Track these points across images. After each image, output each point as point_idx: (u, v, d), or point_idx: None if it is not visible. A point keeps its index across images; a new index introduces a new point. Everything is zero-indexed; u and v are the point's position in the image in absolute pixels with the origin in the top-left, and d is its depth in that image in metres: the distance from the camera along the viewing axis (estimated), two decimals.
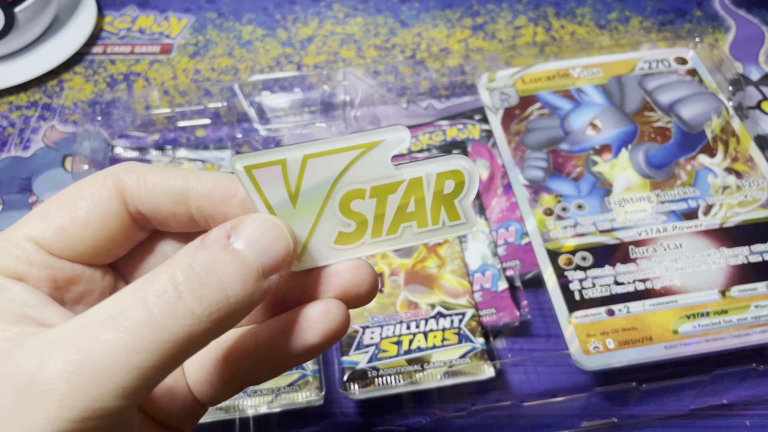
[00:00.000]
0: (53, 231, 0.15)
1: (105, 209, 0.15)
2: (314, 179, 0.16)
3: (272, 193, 0.15)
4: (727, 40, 0.45)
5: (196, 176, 0.16)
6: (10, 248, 0.15)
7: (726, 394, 0.30)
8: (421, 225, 0.17)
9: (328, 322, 0.16)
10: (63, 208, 0.15)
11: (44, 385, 0.12)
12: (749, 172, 0.35)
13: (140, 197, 0.16)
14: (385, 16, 0.48)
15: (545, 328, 0.33)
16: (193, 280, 0.13)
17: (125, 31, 0.47)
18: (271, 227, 0.15)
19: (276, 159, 0.15)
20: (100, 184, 0.15)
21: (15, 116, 0.43)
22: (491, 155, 0.38)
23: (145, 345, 0.13)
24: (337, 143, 0.15)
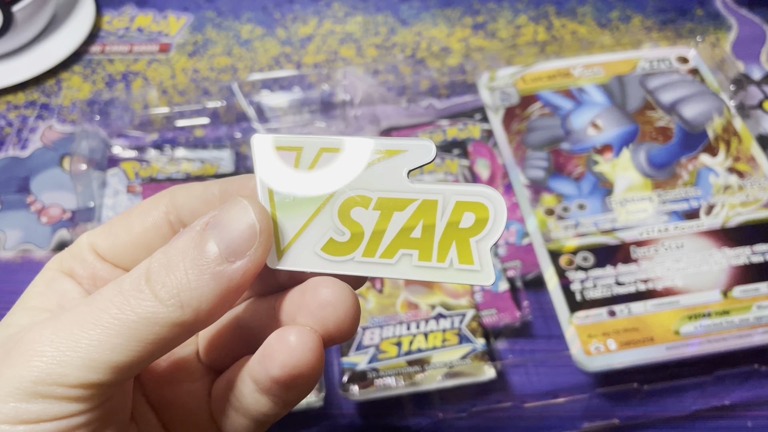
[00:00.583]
0: (107, 240, 0.17)
1: (149, 218, 0.17)
2: (321, 172, 0.14)
3: (276, 180, 0.15)
4: (729, 39, 0.45)
5: (228, 179, 0.17)
6: (74, 249, 0.18)
7: (728, 395, 0.30)
8: (424, 257, 0.14)
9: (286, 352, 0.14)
10: (120, 221, 0.17)
11: (20, 346, 0.14)
12: (751, 172, 0.35)
13: (183, 204, 0.17)
14: (385, 15, 0.47)
15: (546, 328, 0.33)
16: (161, 262, 0.14)
17: (123, 30, 0.47)
18: (235, 207, 0.14)
19: (293, 145, 0.14)
20: (153, 203, 0.17)
21: (13, 116, 0.42)
22: (492, 155, 0.37)
23: (108, 320, 0.14)
24: (343, 142, 0.14)
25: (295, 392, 0.15)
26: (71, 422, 0.14)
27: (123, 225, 0.17)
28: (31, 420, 0.13)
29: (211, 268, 0.14)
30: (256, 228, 0.14)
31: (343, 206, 0.14)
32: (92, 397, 0.14)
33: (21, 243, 0.37)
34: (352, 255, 0.14)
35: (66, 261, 0.17)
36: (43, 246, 0.36)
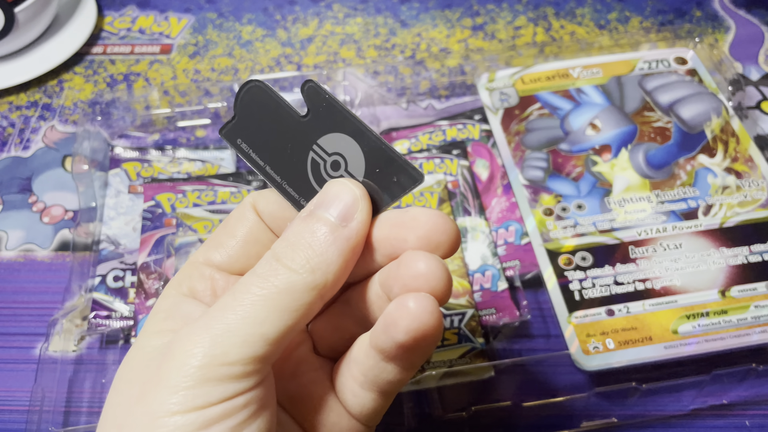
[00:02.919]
0: (218, 251, 0.19)
1: (251, 224, 0.19)
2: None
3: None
4: (727, 40, 0.45)
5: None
6: (187, 270, 0.19)
7: (726, 394, 0.30)
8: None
9: (409, 318, 0.16)
10: (222, 233, 0.19)
11: (176, 344, 0.15)
12: (749, 172, 0.35)
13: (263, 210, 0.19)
14: (384, 17, 0.48)
15: (545, 328, 0.33)
16: (284, 245, 0.16)
17: (125, 31, 0.47)
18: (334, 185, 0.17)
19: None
20: (242, 209, 0.19)
21: (15, 116, 0.43)
22: (491, 155, 0.38)
23: (252, 298, 0.15)
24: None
25: (420, 353, 0.16)
26: (235, 403, 0.15)
27: (226, 233, 0.19)
28: (201, 406, 0.14)
29: (330, 235, 0.16)
30: (357, 193, 0.17)
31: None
32: (251, 373, 0.15)
33: (23, 243, 0.37)
34: None
35: (184, 282, 0.18)
36: (45, 246, 0.37)
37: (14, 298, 0.35)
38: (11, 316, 0.34)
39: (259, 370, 0.15)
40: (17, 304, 0.35)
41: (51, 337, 0.31)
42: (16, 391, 0.32)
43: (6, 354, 0.33)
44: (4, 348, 0.33)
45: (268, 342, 0.15)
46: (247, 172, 0.37)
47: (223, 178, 0.37)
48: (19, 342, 0.33)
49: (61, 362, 0.31)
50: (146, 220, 0.35)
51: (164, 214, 0.35)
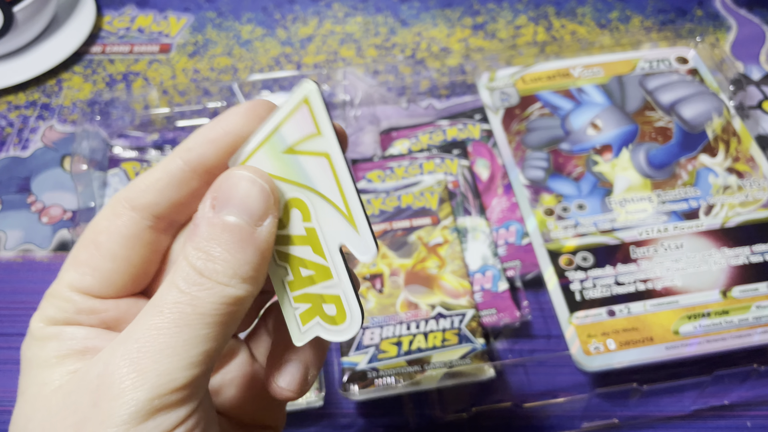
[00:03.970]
0: (89, 274, 0.16)
1: (123, 234, 0.16)
2: (307, 166, 0.15)
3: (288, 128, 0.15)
4: (728, 40, 0.45)
5: (185, 145, 0.16)
6: (57, 302, 0.16)
7: (727, 394, 0.30)
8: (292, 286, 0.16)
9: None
10: (88, 249, 0.16)
11: (113, 377, 0.14)
12: (750, 172, 0.35)
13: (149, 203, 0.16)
14: (385, 16, 0.47)
15: (546, 328, 0.33)
16: (203, 257, 0.15)
17: (124, 31, 0.47)
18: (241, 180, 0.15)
19: (319, 125, 0.14)
20: (110, 214, 0.16)
21: (13, 116, 0.42)
22: (492, 155, 0.37)
23: (189, 318, 0.14)
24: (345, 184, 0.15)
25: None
26: (189, 424, 0.14)
27: (96, 251, 0.16)
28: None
29: (249, 240, 0.15)
30: (267, 190, 0.15)
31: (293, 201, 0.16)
32: (196, 393, 0.14)
33: (22, 243, 0.37)
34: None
35: (58, 318, 0.16)
36: (43, 246, 0.36)
37: (13, 298, 0.35)
38: (10, 316, 0.34)
39: (200, 388, 0.15)
40: (16, 304, 0.34)
41: None
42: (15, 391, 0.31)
43: (4, 354, 0.33)
44: (3, 348, 0.33)
45: (209, 358, 0.14)
46: None
47: None
48: (18, 342, 0.33)
49: None
50: None
51: None
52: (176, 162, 0.16)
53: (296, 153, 0.15)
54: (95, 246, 0.16)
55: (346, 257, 0.16)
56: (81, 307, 0.16)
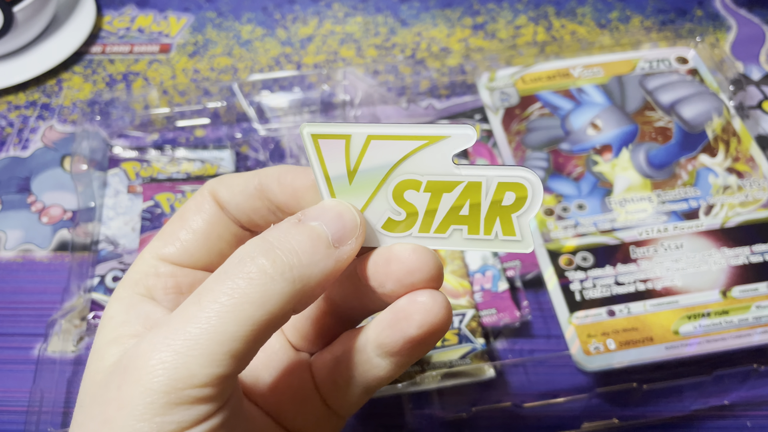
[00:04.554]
0: (174, 245, 0.17)
1: (209, 216, 0.17)
2: (374, 160, 0.16)
3: (332, 165, 0.16)
4: (728, 40, 0.45)
5: (264, 171, 0.17)
6: (141, 267, 0.17)
7: (727, 395, 0.30)
8: (472, 231, 0.16)
9: (423, 313, 0.15)
10: (177, 225, 0.18)
11: (137, 361, 0.14)
12: (750, 172, 0.35)
13: (228, 201, 0.18)
14: (384, 16, 0.48)
15: (546, 328, 0.33)
16: (265, 246, 0.14)
17: (124, 31, 0.47)
18: (337, 204, 0.16)
19: (341, 133, 0.15)
20: (200, 198, 0.18)
21: (13, 116, 0.42)
22: (491, 155, 0.37)
23: (222, 310, 0.13)
24: (403, 130, 0.15)
25: (425, 348, 0.16)
26: (210, 425, 0.14)
27: (182, 227, 0.18)
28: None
29: (322, 250, 0.15)
30: (358, 221, 0.16)
31: (397, 189, 0.16)
32: (221, 393, 0.14)
33: (22, 243, 0.37)
34: (410, 231, 0.16)
35: (140, 282, 0.17)
36: (43, 246, 0.37)
37: (13, 298, 0.35)
38: (9, 316, 0.34)
39: (226, 389, 0.14)
40: (16, 304, 0.34)
41: (50, 337, 0.31)
42: (15, 391, 0.31)
43: (4, 354, 0.33)
44: (3, 348, 0.33)
45: (236, 359, 0.14)
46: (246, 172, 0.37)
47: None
48: (18, 342, 0.33)
49: (60, 363, 0.31)
50: (145, 220, 0.35)
51: (163, 214, 0.35)
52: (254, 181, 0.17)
53: (356, 169, 0.16)
54: (181, 221, 0.17)
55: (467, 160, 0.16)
56: (161, 270, 0.17)
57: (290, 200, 0.17)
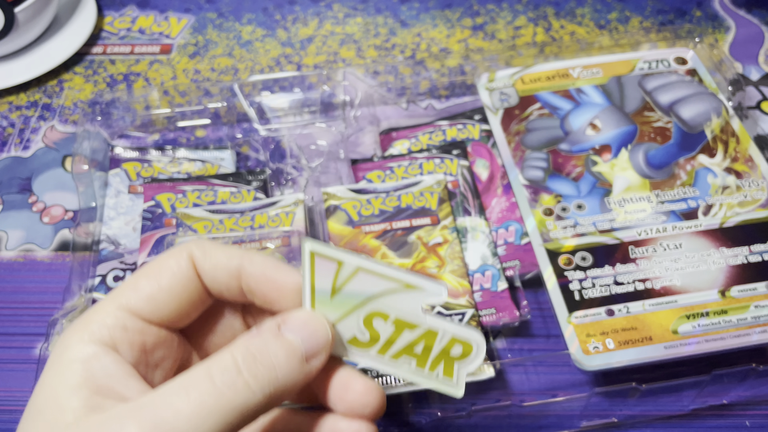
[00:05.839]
0: (144, 299, 0.18)
1: (184, 278, 0.18)
2: (356, 287, 0.18)
3: (321, 280, 0.18)
4: (727, 40, 0.45)
5: (249, 257, 0.18)
6: (107, 318, 0.17)
7: (726, 394, 0.30)
8: (420, 365, 0.19)
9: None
10: (151, 280, 0.18)
11: None
12: (749, 172, 0.35)
13: (204, 270, 0.18)
14: (384, 16, 0.48)
15: (545, 328, 0.33)
16: (249, 360, 0.16)
17: (125, 31, 0.47)
18: (314, 320, 0.18)
19: (336, 258, 0.18)
20: (178, 257, 0.18)
21: (15, 116, 0.43)
22: (491, 155, 0.38)
23: (209, 411, 0.15)
24: (388, 271, 0.18)
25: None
26: None
27: (155, 283, 0.18)
28: None
29: (296, 365, 0.17)
30: (329, 340, 0.18)
31: (368, 316, 0.18)
32: None
33: (23, 243, 0.37)
34: (369, 350, 0.19)
35: (103, 332, 0.17)
36: (45, 246, 0.37)
37: (14, 298, 0.35)
38: (11, 316, 0.34)
39: None
40: (17, 304, 0.35)
41: (51, 337, 0.31)
42: (16, 391, 0.32)
43: (6, 354, 0.33)
44: (4, 348, 0.33)
45: None
46: (247, 172, 0.37)
47: (223, 178, 0.37)
48: (19, 342, 0.33)
49: None
50: (146, 220, 0.35)
51: (164, 214, 0.35)
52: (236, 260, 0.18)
53: (339, 289, 0.18)
54: (154, 276, 0.18)
55: (430, 309, 0.18)
56: (128, 324, 0.17)
57: (271, 293, 0.18)
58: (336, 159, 0.39)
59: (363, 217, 0.34)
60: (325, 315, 0.18)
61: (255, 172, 0.37)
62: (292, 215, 0.34)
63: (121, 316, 0.17)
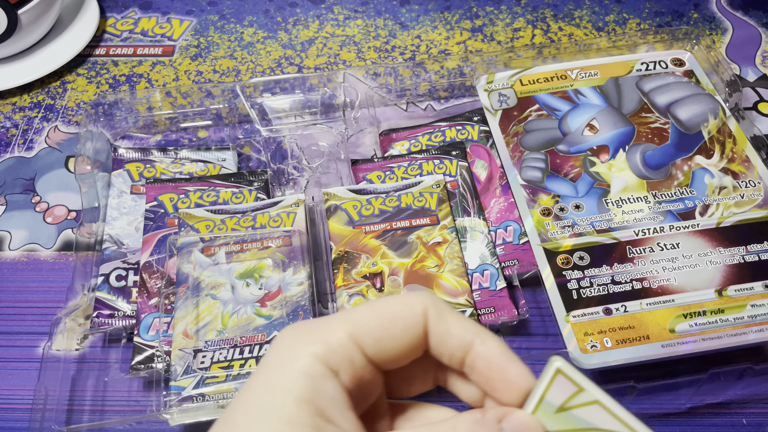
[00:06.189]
0: (372, 340, 0.17)
1: (413, 333, 0.18)
2: (585, 415, 0.18)
3: (553, 394, 0.18)
4: (724, 42, 0.46)
5: (483, 337, 0.18)
6: (337, 345, 0.17)
7: (723, 392, 0.30)
8: None
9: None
10: (383, 322, 0.18)
11: None
12: (745, 173, 0.35)
13: (435, 332, 0.18)
14: (384, 19, 0.48)
15: (543, 327, 0.33)
16: None
17: (128, 33, 0.48)
18: (534, 428, 0.17)
19: (580, 384, 0.18)
20: (413, 310, 0.18)
21: (18, 117, 0.43)
22: (490, 156, 0.38)
23: None
24: (623, 415, 0.17)
25: None
26: None
27: (381, 325, 0.18)
28: None
29: None
30: None
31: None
32: None
33: (26, 243, 0.37)
34: None
35: (333, 356, 0.17)
36: (48, 246, 0.37)
37: (17, 297, 0.35)
38: (15, 315, 0.34)
39: None
40: (20, 303, 0.35)
41: (54, 336, 0.31)
42: (20, 389, 0.32)
43: (9, 353, 0.33)
44: (8, 347, 0.33)
45: None
46: (249, 172, 0.38)
47: (225, 178, 0.37)
48: (23, 341, 0.34)
49: (64, 361, 0.31)
50: (149, 220, 0.35)
51: (166, 214, 0.35)
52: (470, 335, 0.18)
53: (567, 409, 0.18)
54: (391, 324, 0.17)
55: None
56: (356, 360, 0.17)
57: (495, 381, 0.18)
58: (336, 160, 0.39)
59: (363, 217, 0.34)
60: (543, 423, 0.18)
61: (256, 173, 0.37)
62: (293, 215, 0.34)
63: (351, 348, 0.17)
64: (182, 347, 0.30)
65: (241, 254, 0.33)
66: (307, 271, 0.32)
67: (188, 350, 0.29)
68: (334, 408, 0.16)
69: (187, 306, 0.31)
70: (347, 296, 0.32)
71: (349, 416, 0.17)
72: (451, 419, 0.17)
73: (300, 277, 0.32)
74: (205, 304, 0.31)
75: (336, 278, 0.32)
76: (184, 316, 0.31)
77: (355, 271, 0.32)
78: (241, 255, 0.33)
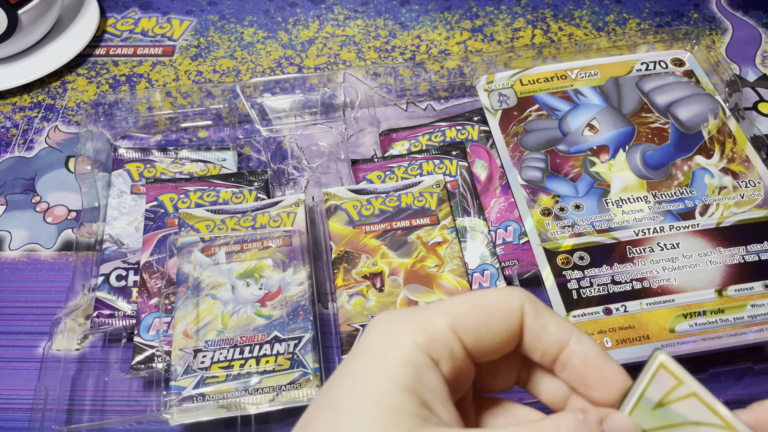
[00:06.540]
0: (471, 332, 0.17)
1: (509, 327, 0.18)
2: (682, 409, 0.17)
3: (653, 390, 0.18)
4: (724, 42, 0.46)
5: (579, 336, 0.18)
6: (439, 335, 0.17)
7: (723, 392, 0.30)
8: None
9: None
10: (482, 315, 0.18)
11: None
12: (745, 173, 0.35)
13: (531, 328, 0.18)
14: (384, 19, 0.48)
15: None
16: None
17: (128, 33, 0.48)
18: (633, 429, 0.17)
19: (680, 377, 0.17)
20: (511, 305, 0.18)
21: (18, 117, 0.43)
22: (490, 156, 0.38)
23: None
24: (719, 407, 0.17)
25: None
26: None
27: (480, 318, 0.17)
28: None
29: None
30: None
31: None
32: None
33: (26, 243, 0.37)
34: None
35: (434, 346, 0.16)
36: (48, 246, 0.37)
37: (18, 297, 0.35)
38: (15, 315, 0.34)
39: None
40: (21, 303, 0.35)
41: (54, 335, 0.31)
42: (20, 389, 0.32)
43: (10, 353, 0.33)
44: (8, 347, 0.33)
45: None
46: (249, 172, 0.38)
47: (225, 178, 0.37)
48: (23, 341, 0.34)
49: (65, 361, 0.31)
50: (149, 220, 0.35)
51: (167, 214, 0.35)
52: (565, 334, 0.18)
53: (665, 405, 0.17)
54: (490, 318, 0.17)
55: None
56: (456, 351, 0.17)
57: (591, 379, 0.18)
58: (336, 160, 0.39)
59: (363, 217, 0.34)
60: (639, 423, 0.18)
61: (256, 173, 0.37)
62: (293, 215, 0.34)
63: (451, 339, 0.17)
64: (182, 347, 0.30)
65: (241, 254, 0.33)
66: (308, 271, 0.32)
67: (188, 350, 0.30)
68: (435, 399, 0.16)
69: (187, 306, 0.31)
70: (347, 296, 0.32)
71: (449, 407, 0.16)
72: (553, 417, 0.17)
73: (300, 277, 0.32)
74: (205, 304, 0.31)
75: (336, 278, 0.32)
76: (185, 316, 0.31)
77: (355, 271, 0.32)
78: (241, 255, 0.33)
